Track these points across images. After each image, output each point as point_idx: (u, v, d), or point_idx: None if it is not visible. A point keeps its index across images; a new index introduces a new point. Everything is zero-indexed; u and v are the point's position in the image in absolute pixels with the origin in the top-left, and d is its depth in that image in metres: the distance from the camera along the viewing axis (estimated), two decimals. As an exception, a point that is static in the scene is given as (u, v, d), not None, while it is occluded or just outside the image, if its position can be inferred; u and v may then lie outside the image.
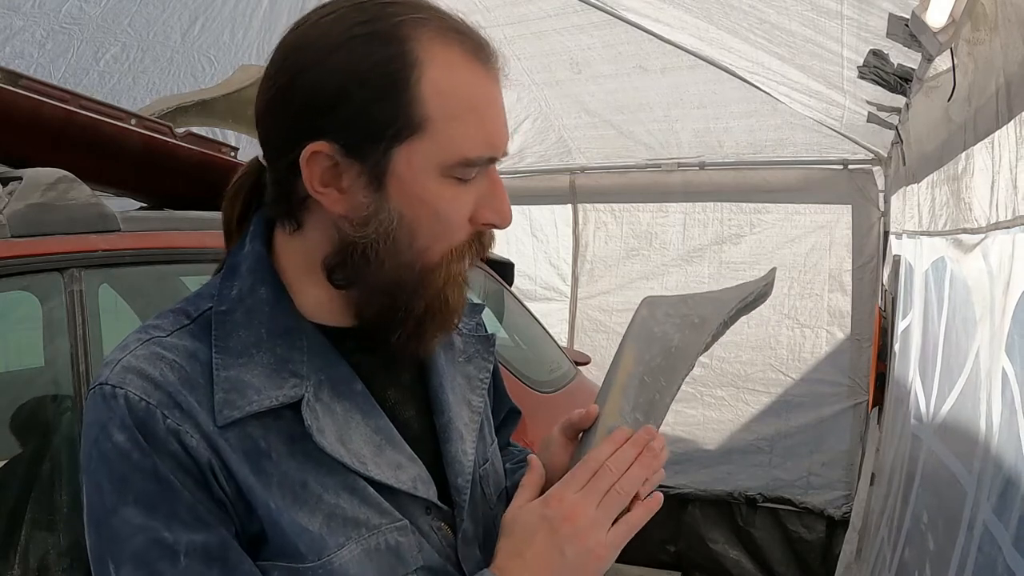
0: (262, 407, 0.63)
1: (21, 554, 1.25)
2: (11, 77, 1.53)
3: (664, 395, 0.80)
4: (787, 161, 3.68)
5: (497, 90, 0.68)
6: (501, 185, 0.69)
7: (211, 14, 2.90)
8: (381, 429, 0.69)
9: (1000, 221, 1.23)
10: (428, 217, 0.66)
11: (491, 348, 0.87)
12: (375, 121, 0.63)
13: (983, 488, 1.28)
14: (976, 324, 1.45)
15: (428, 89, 0.63)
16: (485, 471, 0.81)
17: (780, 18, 2.06)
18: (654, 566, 3.96)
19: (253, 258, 0.70)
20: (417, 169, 0.64)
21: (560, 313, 4.34)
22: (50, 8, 2.56)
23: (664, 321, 0.86)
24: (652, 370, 0.82)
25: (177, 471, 0.60)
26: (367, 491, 0.67)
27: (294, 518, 0.63)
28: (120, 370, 0.62)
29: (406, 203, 0.65)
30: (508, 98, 0.70)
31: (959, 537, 1.35)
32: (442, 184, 0.65)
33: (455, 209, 0.66)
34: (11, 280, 1.34)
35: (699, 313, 0.88)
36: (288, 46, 0.66)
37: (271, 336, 0.67)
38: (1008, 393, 1.19)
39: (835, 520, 3.64)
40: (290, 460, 0.64)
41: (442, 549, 0.71)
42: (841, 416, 3.67)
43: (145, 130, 1.75)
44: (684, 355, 0.84)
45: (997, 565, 1.13)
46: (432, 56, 0.63)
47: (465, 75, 0.65)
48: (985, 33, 1.29)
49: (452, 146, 0.64)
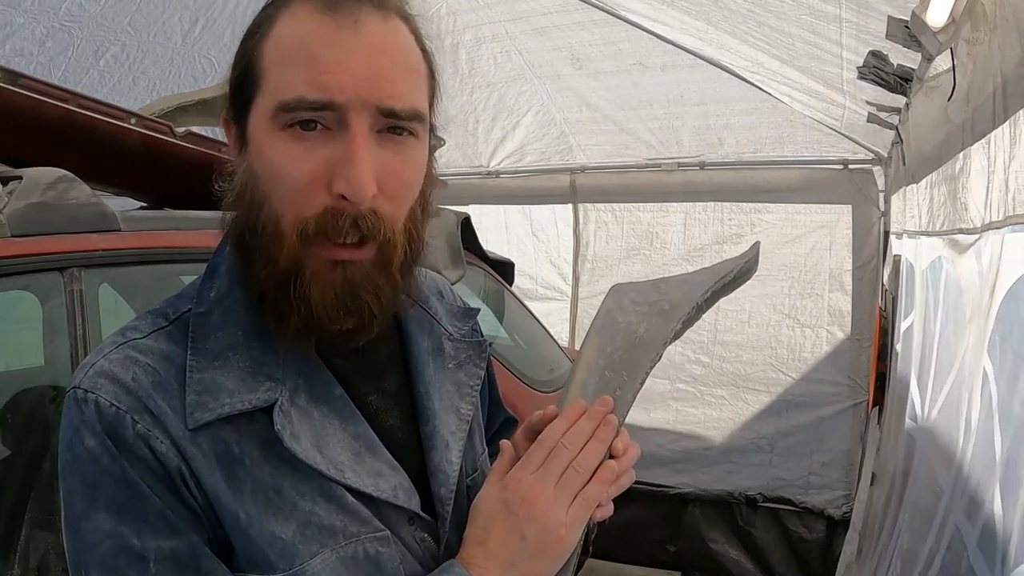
0: (234, 410, 0.62)
1: (21, 554, 1.25)
2: (11, 76, 1.53)
3: (626, 390, 0.76)
4: (787, 161, 3.68)
5: (339, 31, 0.60)
6: (357, 149, 0.60)
7: (212, 15, 2.90)
8: (360, 436, 0.67)
9: (993, 221, 1.24)
10: (268, 174, 0.62)
11: (484, 354, 0.83)
12: (238, 84, 0.65)
13: (958, 488, 1.28)
14: (966, 325, 1.45)
15: (270, 43, 0.63)
16: (473, 480, 0.78)
17: (779, 22, 2.06)
18: (654, 566, 3.96)
19: (232, 258, 0.68)
20: (258, 123, 0.63)
21: (561, 313, 4.34)
22: (50, 6, 2.56)
23: (630, 310, 0.82)
24: (614, 364, 0.78)
25: (147, 476, 0.59)
26: (345, 499, 0.65)
27: (265, 526, 0.61)
28: (93, 374, 0.61)
29: (254, 159, 0.63)
30: (509, 92, 0.68)
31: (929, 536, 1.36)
32: (277, 137, 0.61)
33: (292, 166, 0.60)
34: (11, 280, 1.34)
35: (670, 299, 0.84)
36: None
37: (247, 338, 0.65)
38: (987, 393, 1.19)
39: (835, 520, 3.63)
40: (264, 465, 0.62)
41: (425, 561, 0.69)
42: (841, 416, 3.66)
43: (145, 130, 1.76)
44: (649, 345, 0.79)
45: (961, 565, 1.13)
46: (286, 13, 0.63)
47: (303, 22, 0.61)
48: (984, 33, 1.29)
49: (275, 89, 0.61)
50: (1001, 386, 1.13)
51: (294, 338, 0.64)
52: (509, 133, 4.01)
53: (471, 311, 0.88)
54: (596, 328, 0.81)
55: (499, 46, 3.53)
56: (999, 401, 1.13)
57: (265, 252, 0.63)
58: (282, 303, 0.63)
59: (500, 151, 4.19)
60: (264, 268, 0.63)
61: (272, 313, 0.64)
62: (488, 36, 3.49)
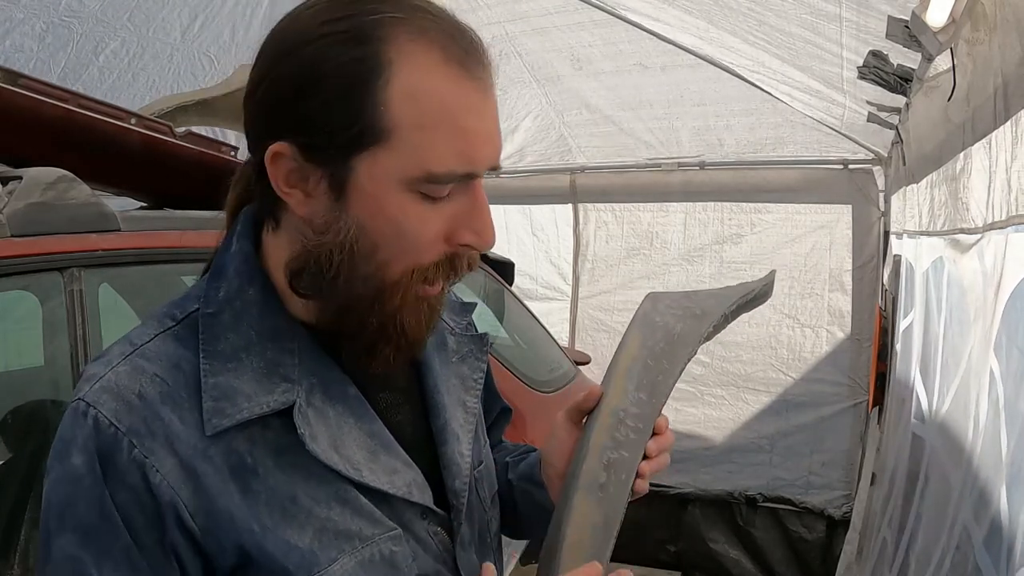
0: (253, 414, 0.61)
1: (21, 554, 1.25)
2: (11, 76, 1.53)
3: (667, 376, 0.82)
4: (787, 161, 3.68)
5: (483, 99, 0.61)
6: (483, 202, 0.62)
7: (211, 12, 2.89)
8: (375, 434, 0.67)
9: (995, 221, 1.24)
10: (391, 233, 0.60)
11: (484, 348, 0.84)
12: (333, 125, 0.58)
13: (966, 488, 1.28)
14: (971, 324, 1.45)
15: (396, 95, 0.57)
16: (480, 473, 0.79)
17: (779, 21, 2.06)
18: (654, 566, 3.96)
19: (240, 258, 0.67)
20: (379, 181, 0.59)
21: (561, 312, 4.34)
22: (50, 1, 2.55)
23: (666, 312, 0.89)
24: (655, 354, 0.84)
25: (129, 506, 0.58)
26: (359, 501, 0.65)
27: (281, 536, 0.61)
28: (98, 388, 0.60)
29: (367, 215, 0.60)
30: (509, 95, 0.66)
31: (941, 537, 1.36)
32: (407, 199, 0.60)
33: (422, 227, 0.61)
34: (11, 280, 1.34)
35: (701, 306, 0.91)
36: (267, 41, 0.62)
37: (261, 339, 0.64)
38: (994, 393, 1.20)
39: (835, 520, 3.64)
40: (278, 474, 0.62)
41: (439, 555, 0.70)
42: (841, 416, 3.66)
43: (145, 129, 1.75)
44: (685, 342, 0.86)
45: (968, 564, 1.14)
46: (406, 59, 0.57)
47: (441, 81, 0.58)
48: (985, 33, 1.29)
49: (418, 159, 0.58)
50: (1008, 385, 1.13)
51: (382, 366, 0.67)
52: (509, 134, 4.01)
53: (468, 305, 0.89)
54: (637, 325, 0.88)
55: (499, 47, 3.51)
56: (1005, 400, 1.13)
57: (365, 297, 0.63)
58: (380, 339, 0.65)
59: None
60: (363, 309, 0.63)
61: (365, 348, 0.66)
62: (488, 36, 3.47)
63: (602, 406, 0.79)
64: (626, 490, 0.74)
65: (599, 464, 0.75)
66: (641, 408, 0.79)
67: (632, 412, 0.78)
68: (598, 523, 0.72)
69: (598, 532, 0.72)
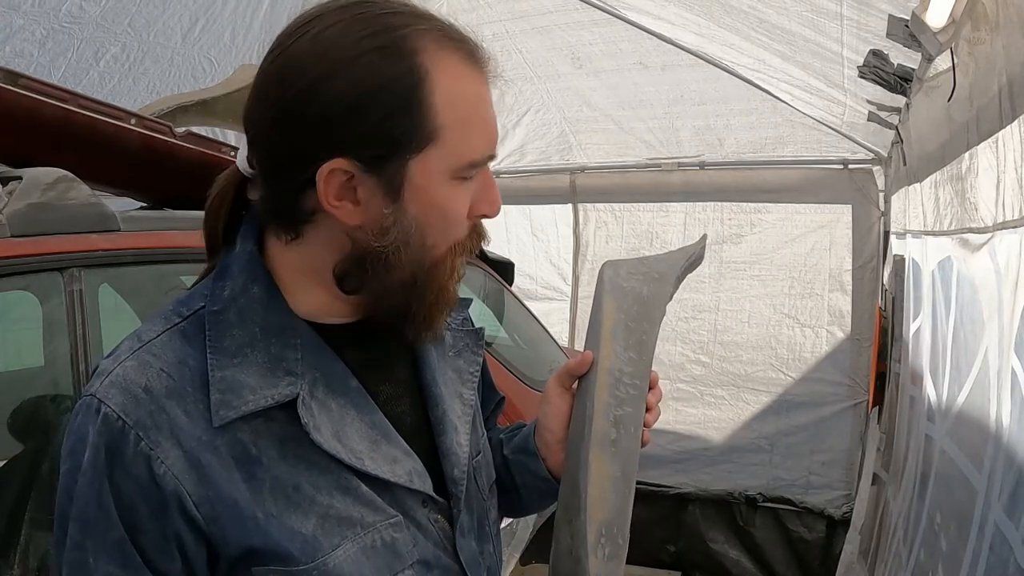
0: (258, 406, 0.64)
1: (21, 554, 1.25)
2: (11, 77, 1.52)
3: (648, 336, 0.87)
4: (787, 161, 3.68)
5: (489, 90, 0.69)
6: (491, 176, 0.72)
7: (212, 15, 2.89)
8: (376, 424, 0.70)
9: (1007, 220, 1.24)
10: (439, 219, 0.68)
11: (480, 342, 0.88)
12: (393, 136, 0.63)
13: (994, 487, 1.28)
14: (984, 324, 1.45)
15: (439, 99, 0.64)
16: (478, 463, 0.82)
17: (780, 18, 2.06)
18: (654, 566, 3.96)
19: (245, 258, 0.69)
20: (431, 176, 0.65)
21: (561, 313, 4.34)
22: (50, 7, 2.55)
23: (629, 278, 0.92)
24: (633, 316, 0.88)
25: (135, 496, 0.60)
26: (360, 489, 0.68)
27: (285, 522, 0.63)
28: (107, 384, 0.63)
29: (421, 210, 0.66)
30: (510, 92, 0.71)
31: (970, 537, 1.35)
32: (451, 187, 0.67)
33: (462, 208, 0.69)
34: (11, 280, 1.34)
35: (656, 269, 0.95)
36: (290, 59, 0.63)
37: (265, 335, 0.67)
38: (1018, 392, 1.19)
39: (835, 520, 3.64)
40: (281, 463, 0.65)
41: (439, 541, 0.73)
42: (841, 416, 3.67)
43: (145, 130, 1.75)
44: (656, 303, 0.91)
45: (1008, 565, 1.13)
46: (438, 66, 0.64)
47: (468, 81, 0.66)
48: (986, 33, 1.29)
49: (461, 151, 0.66)
50: None
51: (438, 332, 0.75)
52: (509, 132, 4.01)
53: (464, 301, 0.91)
54: (606, 291, 0.90)
55: (499, 45, 3.53)
56: None
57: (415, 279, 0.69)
58: (434, 311, 0.72)
59: (500, 151, 4.17)
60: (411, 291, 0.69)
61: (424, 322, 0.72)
62: (488, 35, 3.47)
63: (597, 368, 0.82)
64: (637, 442, 0.80)
65: (607, 421, 0.80)
66: (635, 367, 0.84)
67: (627, 371, 0.83)
68: (617, 475, 0.77)
69: (619, 484, 0.77)
